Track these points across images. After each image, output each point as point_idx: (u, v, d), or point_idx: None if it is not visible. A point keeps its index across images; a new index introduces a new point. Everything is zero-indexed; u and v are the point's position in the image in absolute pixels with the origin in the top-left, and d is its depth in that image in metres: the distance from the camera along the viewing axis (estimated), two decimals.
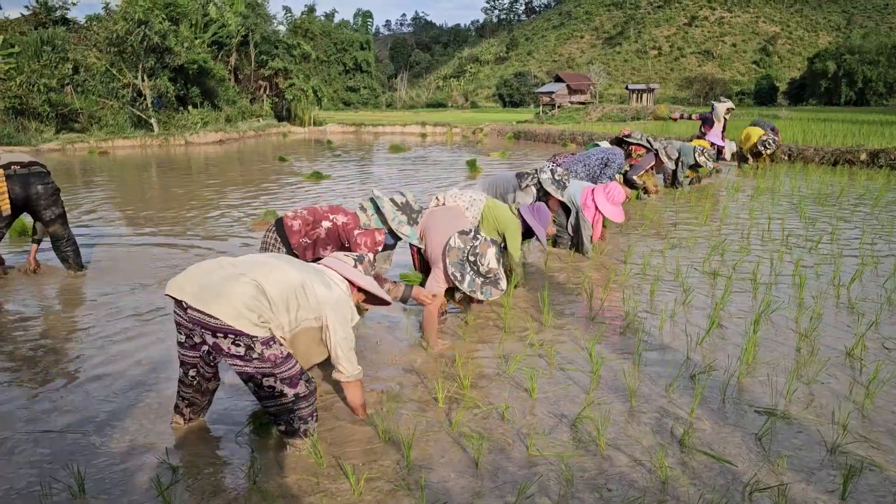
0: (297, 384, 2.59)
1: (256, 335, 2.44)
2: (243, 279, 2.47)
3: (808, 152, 13.81)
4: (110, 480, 2.54)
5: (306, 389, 2.63)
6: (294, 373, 2.57)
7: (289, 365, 2.55)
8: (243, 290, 2.43)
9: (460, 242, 3.66)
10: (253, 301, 2.43)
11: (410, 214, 3.67)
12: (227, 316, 2.39)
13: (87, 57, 23.88)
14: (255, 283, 2.47)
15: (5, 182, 5.25)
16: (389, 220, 3.60)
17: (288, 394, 2.57)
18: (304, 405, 2.63)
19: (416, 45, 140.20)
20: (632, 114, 30.68)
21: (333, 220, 3.53)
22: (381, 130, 32.67)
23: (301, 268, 2.70)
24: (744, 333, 3.98)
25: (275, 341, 2.51)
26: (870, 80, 55.95)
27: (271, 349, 2.49)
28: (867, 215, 7.69)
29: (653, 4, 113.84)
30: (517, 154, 17.76)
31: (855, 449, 2.70)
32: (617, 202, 5.89)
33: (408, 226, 3.64)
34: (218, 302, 2.40)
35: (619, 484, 2.49)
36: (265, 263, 2.62)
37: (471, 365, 3.60)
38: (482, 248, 3.64)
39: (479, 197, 4.79)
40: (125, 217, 8.49)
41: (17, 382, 3.45)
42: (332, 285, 2.75)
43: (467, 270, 3.65)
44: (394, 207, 3.64)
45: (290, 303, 2.54)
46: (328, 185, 11.62)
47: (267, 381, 2.53)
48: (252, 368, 2.49)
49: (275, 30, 37.99)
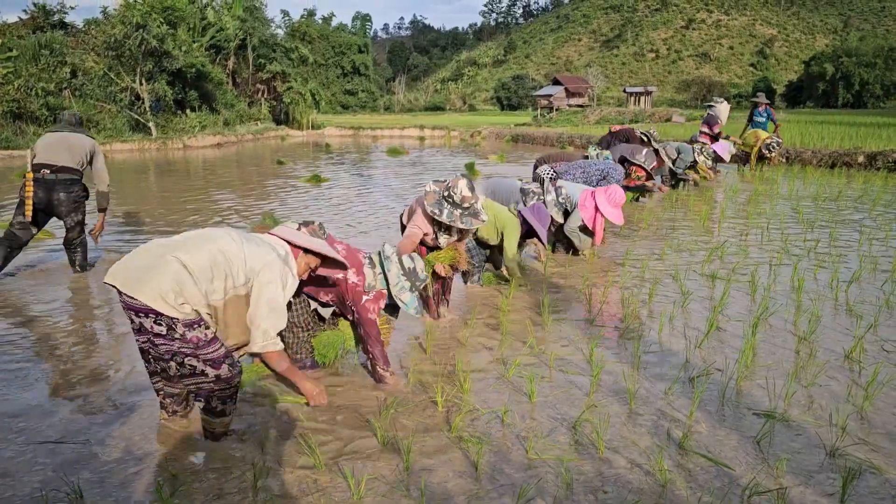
0: (220, 366, 2.65)
1: (176, 317, 2.50)
2: (166, 258, 2.52)
3: (806, 155, 13.84)
4: (110, 486, 2.53)
5: (229, 372, 2.68)
6: (217, 355, 2.63)
7: (213, 348, 2.62)
8: (164, 270, 2.49)
9: (435, 187, 3.99)
10: (172, 281, 2.48)
11: (414, 282, 3.53)
12: (146, 297, 2.46)
13: (86, 61, 23.84)
14: (178, 260, 2.52)
15: (32, 186, 5.27)
16: (392, 285, 3.46)
17: (209, 374, 2.64)
18: (224, 387, 2.69)
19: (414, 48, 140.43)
20: (630, 116, 30.76)
21: (346, 274, 3.37)
22: (379, 134, 32.70)
23: (236, 238, 2.71)
24: (742, 336, 3.99)
25: (199, 324, 2.57)
26: (867, 83, 56.03)
27: (194, 331, 2.56)
28: (865, 217, 7.71)
29: (650, 8, 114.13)
30: (515, 157, 17.77)
31: (854, 452, 2.70)
32: (617, 204, 5.92)
33: (409, 293, 3.49)
34: (139, 284, 2.48)
35: (617, 487, 2.49)
36: (194, 237, 2.66)
37: (470, 369, 3.60)
38: (453, 182, 3.94)
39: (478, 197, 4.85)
40: (125, 220, 8.47)
41: (17, 387, 3.44)
42: (269, 250, 2.76)
43: (444, 206, 3.91)
44: (400, 272, 3.47)
45: (216, 272, 2.57)
46: (327, 188, 11.62)
47: (189, 361, 2.61)
48: (176, 347, 2.57)
49: (273, 33, 38.03)
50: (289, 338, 3.52)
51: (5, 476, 2.60)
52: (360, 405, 3.20)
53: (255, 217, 8.39)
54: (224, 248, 2.62)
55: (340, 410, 3.13)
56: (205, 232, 2.74)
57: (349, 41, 62.41)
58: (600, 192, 5.95)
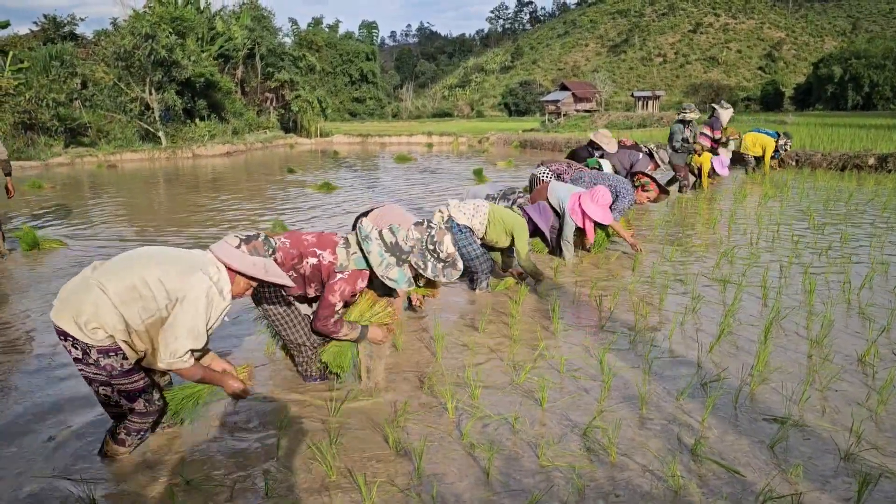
0: (136, 401, 2.64)
1: (90, 343, 2.48)
2: (88, 283, 2.51)
3: (816, 158, 13.77)
4: (124, 493, 2.55)
5: (144, 408, 2.67)
6: (134, 388, 2.61)
7: (128, 379, 2.59)
8: (84, 296, 2.48)
9: (417, 234, 3.69)
10: (90, 305, 2.46)
11: (400, 256, 3.42)
12: (62, 321, 2.48)
13: (96, 71, 24.05)
14: (98, 285, 2.48)
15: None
16: (376, 266, 3.34)
17: (124, 406, 2.64)
18: (136, 419, 2.69)
19: (422, 55, 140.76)
20: (637, 121, 30.70)
21: (320, 257, 3.33)
22: (387, 141, 32.77)
23: (164, 260, 2.60)
24: (755, 340, 3.97)
25: (115, 353, 2.52)
26: (876, 85, 55.70)
27: (108, 359, 2.52)
28: (876, 220, 7.66)
29: (657, 12, 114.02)
30: (524, 163, 17.77)
31: (870, 457, 2.68)
32: (603, 204, 6.03)
33: (396, 268, 3.39)
34: (61, 307, 2.50)
35: (629, 492, 2.48)
36: (119, 261, 2.60)
37: (481, 375, 3.60)
38: (439, 235, 3.75)
39: (482, 203, 5.02)
40: (135, 230, 8.53)
41: (24, 397, 3.46)
42: (197, 274, 2.58)
43: (428, 259, 3.73)
44: (382, 249, 3.37)
45: (134, 297, 2.49)
46: (340, 195, 11.65)
47: (104, 390, 2.60)
48: (90, 374, 2.56)
49: (280, 42, 38.23)
50: (298, 359, 3.53)
51: (18, 481, 2.62)
52: (371, 411, 3.20)
53: (264, 225, 8.43)
54: (146, 273, 2.52)
55: (352, 416, 3.13)
56: (133, 254, 2.66)
57: (356, 49, 62.62)
58: (585, 195, 6.07)
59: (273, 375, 3.68)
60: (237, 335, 4.35)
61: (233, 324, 4.53)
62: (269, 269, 2.76)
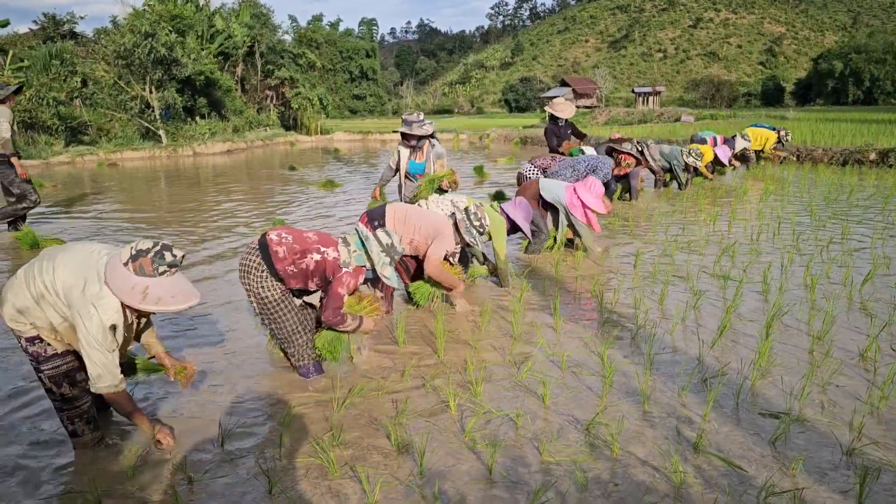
0: (62, 385, 2.74)
1: (21, 332, 2.65)
2: (16, 281, 2.63)
3: (817, 153, 13.76)
4: (127, 490, 2.55)
5: (70, 392, 2.76)
6: (57, 373, 2.73)
7: (52, 364, 2.71)
8: (17, 290, 2.61)
9: (460, 214, 4.56)
10: (23, 299, 2.59)
11: (393, 256, 3.66)
12: (4, 313, 2.64)
13: (96, 70, 24.02)
14: (24, 283, 2.61)
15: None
16: (375, 262, 3.58)
17: (55, 392, 2.75)
18: (67, 407, 2.78)
19: (422, 52, 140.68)
20: (638, 117, 30.66)
21: (324, 253, 3.45)
22: (388, 138, 32.71)
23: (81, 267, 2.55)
24: (756, 336, 3.97)
25: (40, 340, 2.67)
26: (877, 79, 55.70)
27: (34, 346, 2.67)
28: (878, 215, 7.65)
29: (657, 7, 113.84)
30: (525, 159, 17.75)
31: (871, 451, 2.69)
32: (597, 194, 6.09)
33: (389, 267, 3.64)
34: (4, 301, 2.64)
35: (631, 486, 2.48)
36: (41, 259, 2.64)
37: (482, 372, 3.61)
38: (481, 212, 4.63)
39: (460, 199, 5.03)
40: (136, 228, 8.53)
41: (26, 397, 3.47)
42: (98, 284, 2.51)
43: (474, 234, 4.56)
44: (380, 249, 3.59)
45: (42, 301, 2.58)
46: (342, 192, 11.65)
47: (38, 375, 2.75)
48: (29, 362, 2.76)
49: (280, 39, 38.15)
50: (290, 351, 3.56)
51: (24, 482, 2.63)
52: (373, 408, 3.21)
53: (265, 224, 8.43)
54: (47, 279, 2.54)
55: (355, 414, 3.14)
56: (52, 252, 2.64)
57: (356, 46, 62.48)
58: (580, 187, 6.10)
59: (273, 374, 3.69)
60: (237, 333, 4.36)
61: (233, 324, 4.53)
62: (149, 294, 2.47)
